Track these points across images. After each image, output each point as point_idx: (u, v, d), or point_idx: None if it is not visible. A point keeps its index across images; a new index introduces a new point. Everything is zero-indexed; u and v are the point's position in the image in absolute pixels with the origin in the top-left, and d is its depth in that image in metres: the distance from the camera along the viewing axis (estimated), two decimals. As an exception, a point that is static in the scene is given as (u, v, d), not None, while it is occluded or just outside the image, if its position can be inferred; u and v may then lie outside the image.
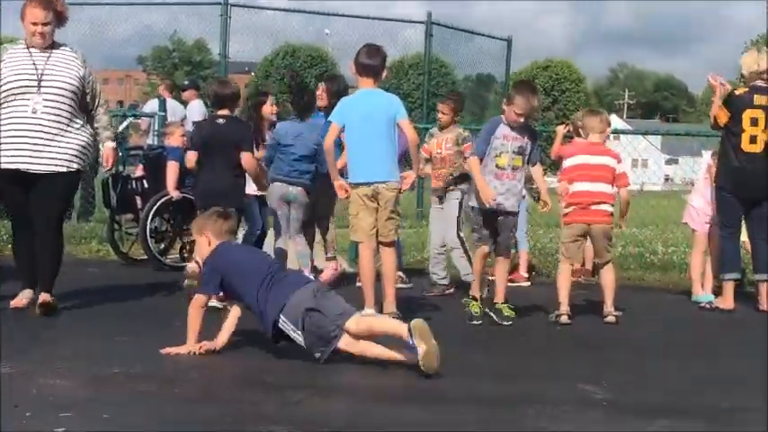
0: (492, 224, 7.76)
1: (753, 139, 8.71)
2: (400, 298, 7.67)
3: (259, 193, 9.01)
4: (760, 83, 8.73)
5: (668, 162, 57.34)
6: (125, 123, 17.54)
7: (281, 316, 5.82)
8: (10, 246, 10.74)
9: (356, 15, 19.08)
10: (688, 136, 18.50)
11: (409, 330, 5.66)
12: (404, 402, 5.16)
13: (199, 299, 6.08)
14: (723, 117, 8.77)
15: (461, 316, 7.89)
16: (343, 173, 7.78)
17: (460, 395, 5.35)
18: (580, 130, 8.83)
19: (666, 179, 51.42)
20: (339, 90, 9.27)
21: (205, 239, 6.23)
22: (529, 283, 10.15)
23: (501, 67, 20.11)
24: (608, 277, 8.08)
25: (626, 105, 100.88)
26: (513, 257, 10.40)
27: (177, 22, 20.19)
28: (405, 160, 8.56)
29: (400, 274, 9.05)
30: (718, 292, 9.02)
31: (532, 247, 11.71)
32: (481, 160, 7.69)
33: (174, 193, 9.56)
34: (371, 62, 7.58)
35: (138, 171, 11.07)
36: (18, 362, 5.53)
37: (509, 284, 9.97)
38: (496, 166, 7.65)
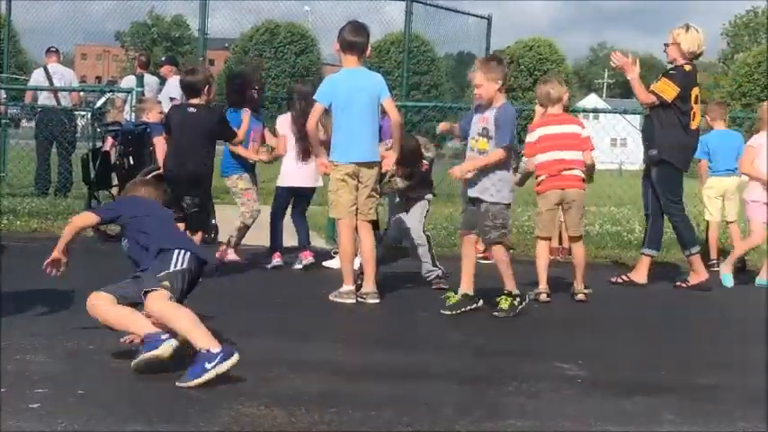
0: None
1: (693, 116, 8.87)
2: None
3: (287, 185, 9.01)
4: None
5: (647, 141, 57.55)
6: (103, 99, 17.44)
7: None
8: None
9: (336, -8, 18.99)
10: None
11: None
12: (380, 378, 5.17)
13: (85, 216, 5.86)
14: (672, 92, 8.73)
15: (437, 293, 7.91)
16: None
17: (437, 371, 5.36)
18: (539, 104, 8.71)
19: (645, 158, 51.64)
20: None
21: None
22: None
23: (482, 45, 20.05)
24: (579, 253, 8.11)
25: (605, 85, 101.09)
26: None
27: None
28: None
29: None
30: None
31: (511, 225, 11.71)
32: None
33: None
34: (356, 39, 7.54)
35: (108, 145, 10.99)
36: (-7, 338, 5.50)
37: (483, 261, 10.04)
38: (470, 149, 7.30)
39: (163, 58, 14.96)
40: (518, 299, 7.19)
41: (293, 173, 9.01)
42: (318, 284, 8.00)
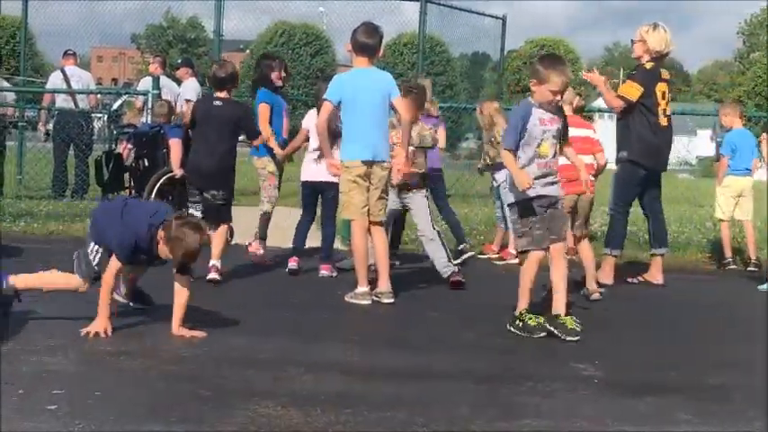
0: (544, 220, 6.71)
1: (663, 113, 8.82)
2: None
3: (311, 179, 8.86)
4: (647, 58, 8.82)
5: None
6: (119, 102, 17.53)
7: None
8: (4, 223, 10.80)
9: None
10: (683, 115, 18.41)
11: None
12: (395, 378, 5.17)
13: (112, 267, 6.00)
14: (635, 92, 8.68)
15: (449, 293, 7.92)
16: None
17: (452, 371, 5.37)
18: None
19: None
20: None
21: None
22: (518, 261, 10.13)
23: (496, 45, 20.05)
24: (588, 254, 8.12)
25: (621, 84, 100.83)
26: (504, 236, 10.45)
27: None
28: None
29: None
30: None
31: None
32: (515, 152, 6.63)
33: (179, 172, 9.55)
34: (368, 41, 7.57)
35: (122, 147, 11.05)
36: (9, 339, 5.53)
37: (499, 262, 10.04)
38: (539, 156, 6.61)
39: (179, 61, 15.03)
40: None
41: (314, 168, 8.83)
42: (334, 285, 8.02)
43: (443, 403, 4.70)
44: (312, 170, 8.75)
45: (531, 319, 6.49)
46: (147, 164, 10.53)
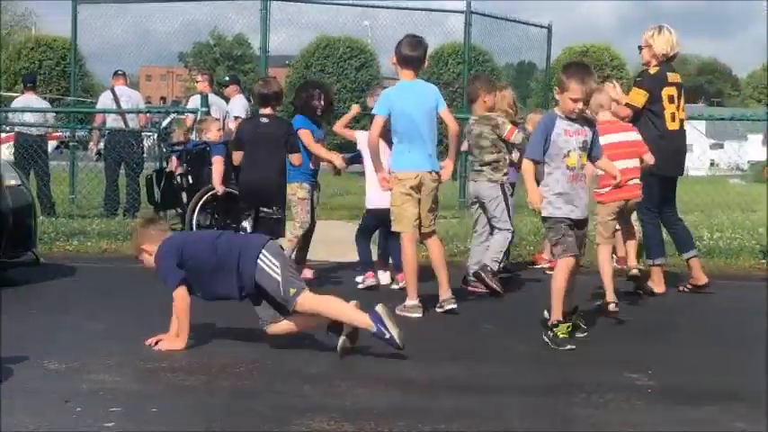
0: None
1: (672, 117, 8.70)
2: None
3: (378, 207, 8.66)
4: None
5: (713, 147, 56.75)
6: (168, 120, 17.72)
7: (264, 251, 5.87)
8: (58, 242, 10.96)
9: (395, 7, 19.11)
10: (733, 120, 18.22)
11: (377, 318, 5.79)
12: (448, 391, 5.18)
13: (179, 293, 5.98)
14: (641, 98, 8.61)
15: (502, 304, 7.90)
16: None
17: (505, 384, 5.37)
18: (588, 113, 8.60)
19: (712, 164, 50.97)
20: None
21: (147, 254, 6.09)
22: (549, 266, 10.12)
23: (543, 54, 20.02)
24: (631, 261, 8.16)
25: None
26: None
27: (218, 17, 20.30)
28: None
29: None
30: None
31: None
32: (536, 163, 6.67)
33: (220, 189, 9.63)
34: (413, 54, 7.61)
35: (173, 165, 11.15)
36: (66, 358, 5.61)
37: (533, 267, 10.02)
38: (567, 167, 6.59)
39: (227, 78, 15.15)
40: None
41: (378, 194, 8.58)
42: (384, 298, 8.04)
43: (496, 416, 4.70)
44: (378, 198, 8.66)
45: (561, 331, 6.44)
46: (190, 181, 10.62)
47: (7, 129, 15.91)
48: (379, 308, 5.81)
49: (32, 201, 9.25)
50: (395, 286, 8.87)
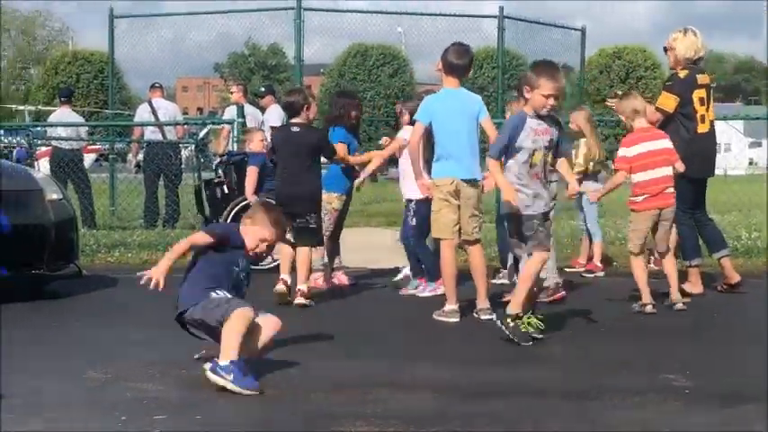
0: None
1: (702, 119, 8.67)
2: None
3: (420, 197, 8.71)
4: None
5: (752, 146, 56.11)
6: (205, 131, 17.87)
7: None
8: (99, 254, 11.11)
9: (429, 13, 19.16)
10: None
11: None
12: (483, 396, 5.22)
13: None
14: (672, 103, 8.58)
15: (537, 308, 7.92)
16: None
17: (542, 387, 5.39)
18: (623, 119, 8.52)
19: (750, 163, 50.40)
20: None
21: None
22: (603, 273, 10.11)
23: (577, 56, 19.98)
24: (671, 266, 8.07)
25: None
26: (587, 248, 10.40)
27: (252, 27, 20.42)
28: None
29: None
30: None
31: (612, 236, 11.67)
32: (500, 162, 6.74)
33: (251, 198, 9.73)
34: (459, 62, 7.65)
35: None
36: (110, 368, 5.71)
37: (586, 275, 10.00)
38: (531, 165, 6.73)
39: (262, 89, 15.27)
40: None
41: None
42: (422, 304, 8.10)
43: (533, 420, 4.73)
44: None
45: (524, 324, 6.58)
46: (225, 191, 10.73)
47: (46, 143, 16.13)
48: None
49: (74, 214, 9.40)
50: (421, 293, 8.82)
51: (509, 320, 6.57)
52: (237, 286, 5.69)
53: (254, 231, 5.81)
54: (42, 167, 14.24)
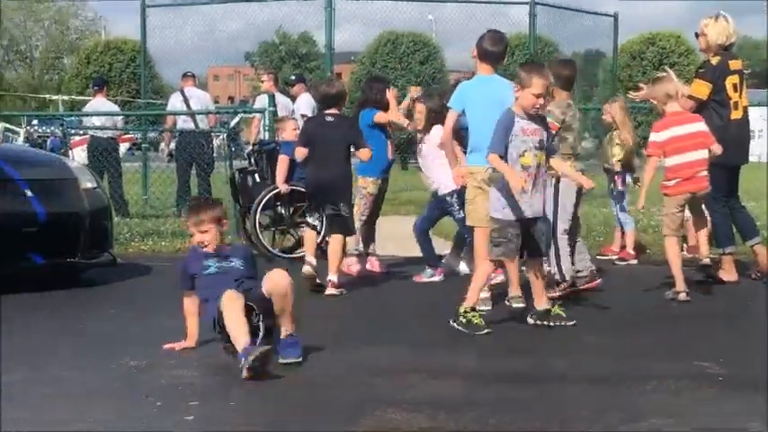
0: (524, 234, 6.76)
1: (735, 106, 8.60)
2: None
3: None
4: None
5: (787, 131, 55.62)
6: (236, 119, 17.94)
7: None
8: (133, 243, 11.20)
9: (460, 0, 19.10)
10: None
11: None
12: (518, 382, 5.24)
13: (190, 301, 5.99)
14: (705, 90, 8.50)
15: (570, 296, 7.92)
16: None
17: (575, 374, 5.40)
18: (656, 103, 8.48)
19: (786, 149, 49.84)
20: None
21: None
22: (636, 262, 10.07)
23: (609, 43, 19.89)
24: (705, 250, 8.14)
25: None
26: (621, 236, 10.36)
27: (283, 16, 20.47)
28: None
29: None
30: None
31: (645, 224, 11.62)
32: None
33: (282, 187, 9.76)
34: (494, 49, 7.61)
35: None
36: (145, 355, 5.77)
37: (618, 263, 9.97)
38: (522, 167, 6.63)
39: (293, 77, 15.29)
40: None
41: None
42: (453, 292, 8.10)
43: (568, 406, 4.74)
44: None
45: (475, 317, 6.60)
46: (257, 179, 10.76)
47: (81, 132, 16.24)
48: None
49: (108, 203, 9.48)
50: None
51: (462, 319, 6.59)
52: (222, 278, 5.72)
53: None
54: (77, 156, 14.34)
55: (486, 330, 6.51)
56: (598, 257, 10.28)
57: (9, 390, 4.99)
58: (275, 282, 5.55)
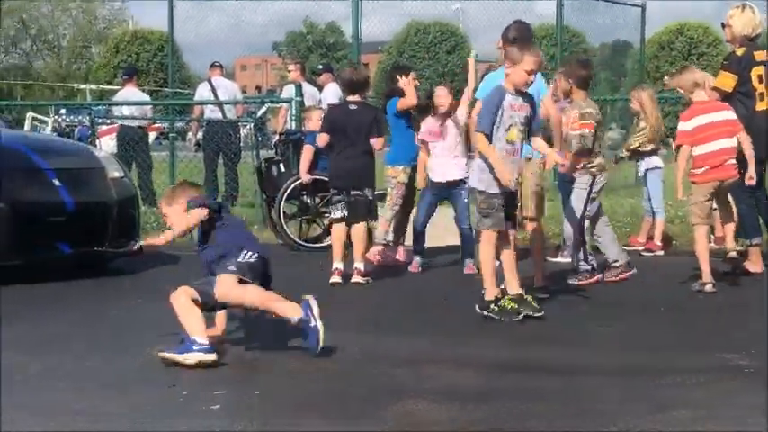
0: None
1: (761, 97, 8.51)
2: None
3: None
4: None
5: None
6: (263, 109, 17.98)
7: None
8: (160, 232, 11.25)
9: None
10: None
11: (308, 307, 5.37)
12: (538, 373, 5.24)
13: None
14: (731, 82, 8.41)
15: (598, 286, 7.90)
16: None
17: (599, 365, 5.39)
18: (682, 92, 8.44)
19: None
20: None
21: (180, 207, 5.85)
22: (663, 253, 10.02)
23: (636, 34, 19.77)
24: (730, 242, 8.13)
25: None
26: (649, 227, 10.30)
27: (310, 5, 20.55)
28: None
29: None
30: None
31: (672, 215, 11.55)
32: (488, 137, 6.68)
33: (304, 177, 9.78)
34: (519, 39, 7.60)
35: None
36: (172, 343, 5.80)
37: (645, 254, 9.92)
38: (507, 141, 6.69)
39: (320, 67, 15.28)
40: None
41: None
42: (475, 283, 8.10)
43: (592, 398, 4.73)
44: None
45: (507, 302, 6.61)
46: (282, 169, 10.79)
47: (108, 122, 16.32)
48: (311, 299, 5.46)
49: (135, 192, 9.53)
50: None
51: (492, 306, 6.61)
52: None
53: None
54: (104, 146, 14.43)
55: (520, 316, 6.54)
56: (624, 248, 10.25)
57: (36, 377, 5.06)
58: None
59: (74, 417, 4.40)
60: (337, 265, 8.19)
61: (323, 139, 8.50)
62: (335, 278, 8.12)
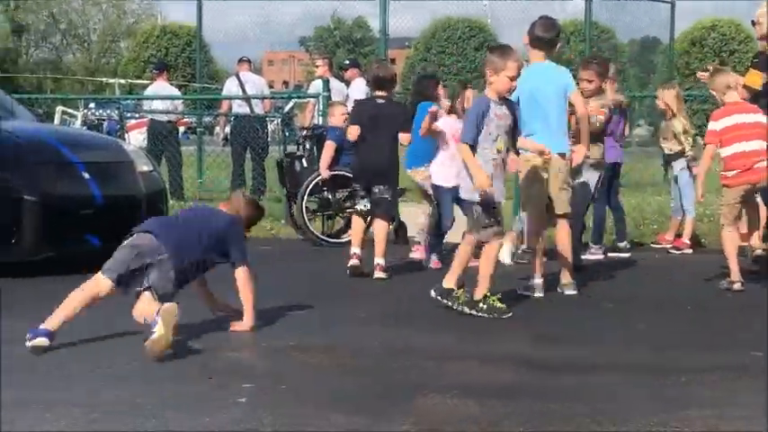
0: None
1: None
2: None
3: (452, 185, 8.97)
4: None
5: None
6: (290, 104, 18.02)
7: None
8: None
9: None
10: None
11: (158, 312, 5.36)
12: (567, 370, 5.23)
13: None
14: (759, 80, 8.38)
15: (627, 283, 7.87)
16: None
17: (623, 363, 5.39)
18: (715, 94, 8.40)
19: None
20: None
21: None
22: (691, 251, 9.98)
23: (666, 30, 19.68)
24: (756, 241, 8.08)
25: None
26: (677, 224, 10.27)
27: (338, 1, 20.60)
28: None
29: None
30: None
31: (701, 213, 11.50)
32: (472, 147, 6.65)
33: (324, 173, 9.80)
34: (546, 35, 7.56)
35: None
36: (205, 339, 5.85)
37: (673, 252, 9.89)
38: (497, 151, 6.70)
39: (347, 62, 15.34)
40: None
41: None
42: (500, 278, 8.10)
43: (615, 396, 4.72)
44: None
45: (495, 300, 6.62)
46: (305, 165, 10.81)
47: (137, 116, 16.39)
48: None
49: (163, 186, 9.59)
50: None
51: (480, 305, 6.62)
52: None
53: None
54: (133, 140, 14.51)
55: (510, 314, 6.56)
56: (652, 245, 10.24)
57: (70, 370, 5.11)
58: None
59: (106, 409, 4.44)
60: (355, 250, 8.30)
61: (354, 131, 8.50)
62: (354, 261, 8.23)
